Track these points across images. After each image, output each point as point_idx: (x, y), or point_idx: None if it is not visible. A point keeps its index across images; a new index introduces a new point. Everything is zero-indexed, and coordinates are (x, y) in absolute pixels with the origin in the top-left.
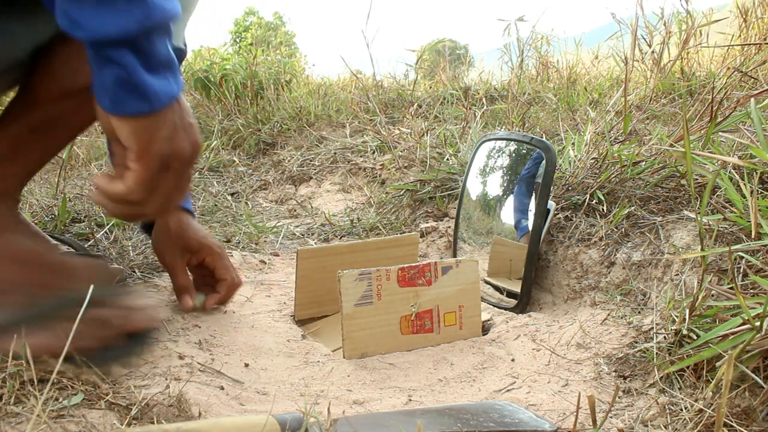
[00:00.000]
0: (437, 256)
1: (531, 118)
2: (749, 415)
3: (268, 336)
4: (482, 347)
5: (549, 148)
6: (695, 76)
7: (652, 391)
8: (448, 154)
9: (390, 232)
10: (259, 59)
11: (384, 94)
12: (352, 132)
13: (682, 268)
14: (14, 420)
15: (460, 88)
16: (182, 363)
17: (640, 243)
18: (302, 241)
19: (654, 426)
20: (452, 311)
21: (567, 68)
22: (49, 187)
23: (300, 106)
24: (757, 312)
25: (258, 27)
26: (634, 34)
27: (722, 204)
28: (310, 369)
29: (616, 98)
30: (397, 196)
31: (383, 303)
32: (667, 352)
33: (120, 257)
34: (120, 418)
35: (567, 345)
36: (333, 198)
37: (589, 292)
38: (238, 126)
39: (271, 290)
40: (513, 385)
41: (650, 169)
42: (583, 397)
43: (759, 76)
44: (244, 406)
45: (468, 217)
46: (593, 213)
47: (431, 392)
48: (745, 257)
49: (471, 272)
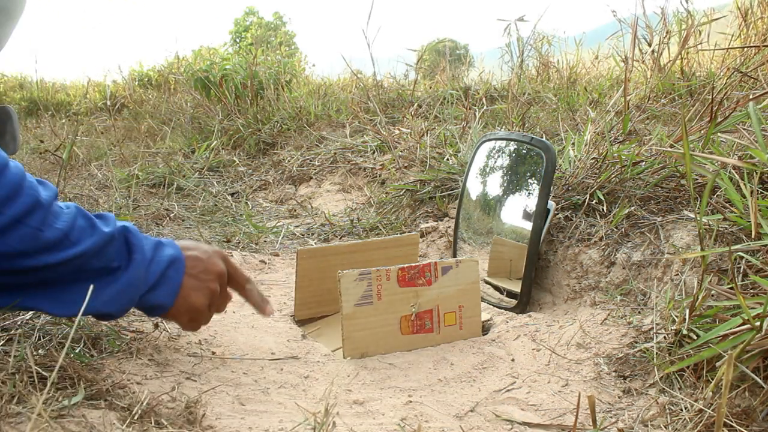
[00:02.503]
0: (437, 256)
1: (531, 118)
2: (749, 415)
3: (268, 336)
4: (482, 347)
5: (549, 148)
6: (695, 76)
7: (652, 391)
8: (448, 154)
9: (390, 232)
10: (259, 59)
11: (384, 94)
12: (352, 132)
13: (682, 268)
14: (14, 420)
15: (460, 88)
16: (183, 363)
17: (640, 243)
18: (302, 241)
19: (654, 426)
20: (452, 311)
21: (567, 68)
22: None
23: (300, 106)
24: (757, 312)
25: (258, 27)
26: (634, 34)
27: (722, 204)
28: (310, 369)
29: (616, 98)
30: (397, 196)
31: (383, 303)
32: (667, 352)
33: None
34: (120, 418)
35: (567, 345)
36: (333, 198)
37: (589, 292)
38: (238, 126)
39: (271, 290)
40: (513, 385)
41: (650, 169)
42: (583, 397)
43: (759, 77)
44: (244, 406)
45: (468, 217)
46: (593, 213)
47: (431, 392)
48: (745, 257)
49: (471, 272)
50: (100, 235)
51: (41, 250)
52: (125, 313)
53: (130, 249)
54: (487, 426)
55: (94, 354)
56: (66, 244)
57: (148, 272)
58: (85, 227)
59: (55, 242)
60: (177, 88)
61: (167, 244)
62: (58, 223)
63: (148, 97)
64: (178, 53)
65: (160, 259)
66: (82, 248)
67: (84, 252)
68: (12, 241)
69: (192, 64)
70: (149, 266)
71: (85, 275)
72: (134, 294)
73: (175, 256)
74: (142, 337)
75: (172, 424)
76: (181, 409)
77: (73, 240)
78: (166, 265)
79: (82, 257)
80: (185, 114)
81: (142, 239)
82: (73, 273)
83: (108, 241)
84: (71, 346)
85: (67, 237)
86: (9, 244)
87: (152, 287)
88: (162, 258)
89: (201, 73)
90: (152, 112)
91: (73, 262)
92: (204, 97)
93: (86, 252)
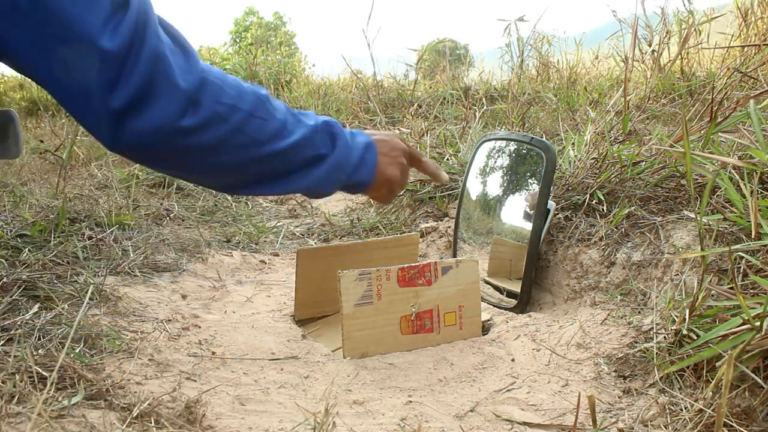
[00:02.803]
0: (437, 256)
1: (531, 118)
2: (749, 415)
3: (268, 336)
4: (482, 347)
5: (549, 148)
6: (695, 76)
7: (652, 391)
8: (448, 154)
9: (390, 232)
10: (259, 59)
11: (384, 94)
12: None
13: (682, 268)
14: (14, 420)
15: (460, 88)
16: (183, 363)
17: (640, 243)
18: (302, 241)
19: (654, 426)
20: (452, 311)
21: (567, 68)
22: (50, 187)
23: (300, 106)
24: (757, 312)
25: (258, 27)
26: (634, 34)
27: (722, 204)
28: (310, 369)
29: (616, 98)
30: (397, 196)
31: (383, 303)
32: (667, 352)
33: (121, 257)
34: (120, 418)
35: (567, 345)
36: (333, 198)
37: (589, 292)
38: None
39: (271, 290)
40: (513, 385)
41: (650, 169)
42: (583, 397)
43: (759, 77)
44: (244, 406)
45: (468, 217)
46: (593, 213)
47: (431, 392)
48: (745, 257)
49: (471, 272)
50: (308, 126)
51: (270, 139)
52: (333, 192)
53: (333, 138)
54: (487, 426)
55: (94, 354)
56: (285, 133)
57: (350, 156)
58: (295, 121)
59: (278, 131)
60: None
61: (357, 133)
62: (278, 114)
63: None
64: None
65: (358, 144)
66: (297, 137)
67: (299, 141)
68: (250, 130)
69: None
70: (351, 151)
71: (302, 162)
72: (341, 174)
73: (368, 140)
74: (142, 337)
75: (172, 424)
76: (181, 409)
77: (290, 130)
78: (363, 149)
79: (298, 146)
80: None
81: (342, 130)
82: (293, 160)
83: (315, 132)
84: (71, 346)
85: (285, 127)
86: (247, 134)
87: (355, 168)
88: (358, 143)
89: None
90: None
91: (293, 150)
92: None
93: (300, 141)
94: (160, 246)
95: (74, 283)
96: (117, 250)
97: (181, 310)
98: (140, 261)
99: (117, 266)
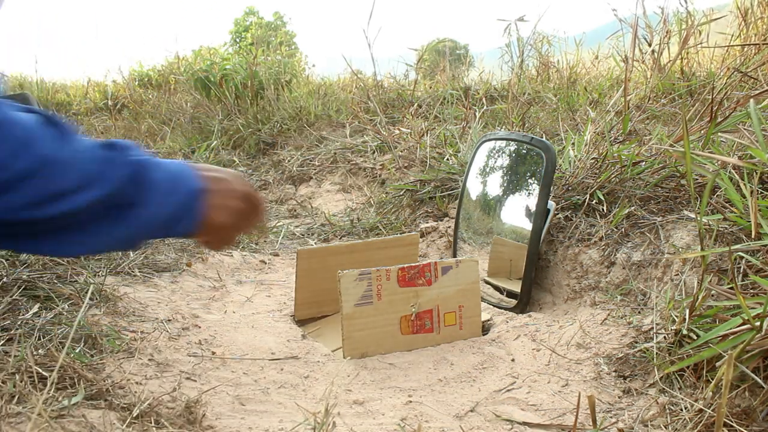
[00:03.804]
0: (437, 256)
1: (531, 118)
2: (749, 415)
3: (268, 336)
4: (482, 347)
5: (549, 148)
6: (695, 76)
7: (652, 391)
8: (448, 154)
9: (390, 232)
10: (260, 59)
11: (384, 94)
12: (352, 132)
13: (682, 268)
14: (14, 420)
15: (460, 88)
16: (183, 363)
17: (640, 243)
18: (302, 241)
19: (654, 426)
20: (452, 311)
21: (567, 68)
22: None
23: (300, 106)
24: (757, 312)
25: (258, 27)
26: (634, 34)
27: (722, 204)
28: (310, 369)
29: (616, 98)
30: (397, 196)
31: (383, 303)
32: (667, 352)
33: (120, 257)
34: (120, 418)
35: (567, 345)
36: (333, 198)
37: (589, 292)
38: (238, 126)
39: (271, 290)
40: (513, 385)
41: (650, 169)
42: (583, 397)
43: (759, 77)
44: (244, 406)
45: (468, 217)
46: (593, 213)
47: (431, 392)
48: (745, 257)
49: (471, 272)
50: (116, 177)
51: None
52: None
53: (147, 187)
54: (487, 426)
55: (94, 354)
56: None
57: (166, 206)
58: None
59: (70, 190)
60: (177, 88)
61: (185, 173)
62: (70, 171)
63: (148, 97)
64: (178, 53)
65: (179, 191)
66: (97, 194)
67: (99, 198)
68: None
69: (192, 64)
70: (168, 199)
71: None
72: (153, 229)
73: (195, 186)
74: (142, 337)
75: (172, 424)
76: (181, 409)
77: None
78: (184, 197)
79: (97, 203)
80: (185, 114)
81: (161, 172)
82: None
83: (124, 182)
84: (71, 346)
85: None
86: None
87: (174, 220)
88: (181, 190)
89: (201, 73)
90: (152, 112)
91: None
92: (204, 97)
93: (101, 198)
94: (160, 246)
95: (74, 283)
96: None
97: (181, 310)
98: (140, 261)
99: (117, 266)
